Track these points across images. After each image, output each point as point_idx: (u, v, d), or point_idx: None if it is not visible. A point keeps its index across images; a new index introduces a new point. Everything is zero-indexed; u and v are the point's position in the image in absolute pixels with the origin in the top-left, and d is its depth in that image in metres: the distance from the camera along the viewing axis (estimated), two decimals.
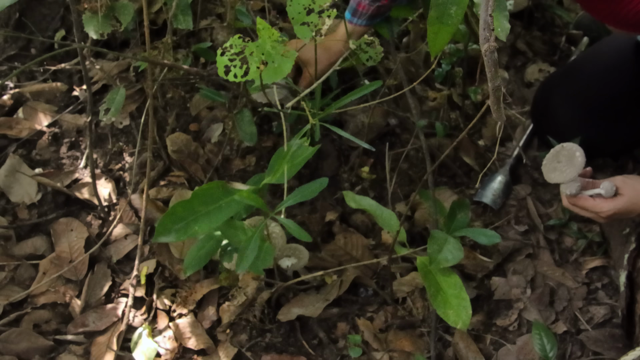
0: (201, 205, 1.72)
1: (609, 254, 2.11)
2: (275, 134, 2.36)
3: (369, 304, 2.06)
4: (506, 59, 2.71)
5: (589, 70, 2.26)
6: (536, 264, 2.12)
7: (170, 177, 2.31)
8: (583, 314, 2.00)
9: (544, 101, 2.33)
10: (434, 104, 2.48)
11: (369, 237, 2.19)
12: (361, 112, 2.36)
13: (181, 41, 2.56)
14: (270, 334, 1.99)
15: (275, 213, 1.70)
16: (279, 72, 1.63)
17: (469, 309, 1.74)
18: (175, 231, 1.70)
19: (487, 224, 2.21)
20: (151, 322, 2.02)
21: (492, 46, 1.04)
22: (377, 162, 2.34)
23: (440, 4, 1.69)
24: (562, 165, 1.74)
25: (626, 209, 1.71)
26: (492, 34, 1.02)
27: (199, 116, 2.43)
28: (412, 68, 2.54)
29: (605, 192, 1.73)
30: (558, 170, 1.75)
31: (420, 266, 1.81)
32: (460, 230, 1.84)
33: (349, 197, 1.93)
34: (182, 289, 2.08)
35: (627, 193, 1.71)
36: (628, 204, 1.71)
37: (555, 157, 1.76)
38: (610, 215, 1.73)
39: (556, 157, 1.76)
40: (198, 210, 1.71)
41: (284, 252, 1.99)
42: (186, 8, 2.17)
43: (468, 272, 2.10)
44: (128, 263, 2.16)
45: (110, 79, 2.48)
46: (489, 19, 1.02)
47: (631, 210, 1.72)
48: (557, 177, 1.75)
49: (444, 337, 1.98)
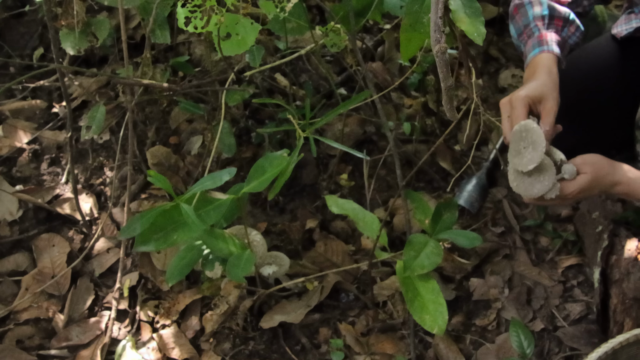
0: (180, 215, 1.74)
1: (583, 252, 2.15)
2: (254, 144, 2.39)
3: (350, 309, 2.09)
4: (480, 66, 2.75)
5: (571, 75, 2.30)
6: (513, 264, 2.15)
7: (151, 190, 2.33)
8: (560, 311, 2.04)
9: None
10: (410, 111, 2.52)
11: (349, 243, 2.22)
12: (338, 121, 2.40)
13: (159, 55, 2.59)
14: (254, 341, 2.01)
15: (184, 199, 1.69)
16: (242, 44, 1.67)
17: (445, 314, 1.77)
18: (155, 240, 1.73)
19: (465, 227, 2.25)
20: (135, 334, 2.04)
21: (442, 47, 1.07)
22: (355, 169, 2.38)
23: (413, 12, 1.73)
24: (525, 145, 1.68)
25: (589, 187, 1.73)
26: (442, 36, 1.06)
27: (178, 129, 2.46)
28: (388, 76, 2.58)
29: (568, 175, 1.72)
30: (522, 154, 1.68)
31: (399, 271, 1.84)
32: (444, 232, 1.87)
33: (331, 201, 1.96)
34: (165, 300, 2.10)
35: (588, 171, 1.73)
36: (591, 181, 1.72)
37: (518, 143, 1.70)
38: (575, 196, 1.75)
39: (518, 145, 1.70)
40: (177, 220, 1.74)
41: (265, 260, 2.01)
42: (163, 23, 2.20)
43: (447, 274, 2.14)
44: (111, 276, 2.17)
45: (90, 95, 2.51)
46: (439, 21, 1.06)
47: (594, 186, 1.74)
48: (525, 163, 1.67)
49: (425, 338, 2.01)
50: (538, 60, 1.87)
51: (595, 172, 1.73)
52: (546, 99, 1.78)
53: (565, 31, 1.95)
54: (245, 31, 1.73)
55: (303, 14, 2.07)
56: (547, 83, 1.81)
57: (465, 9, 1.54)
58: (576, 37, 1.99)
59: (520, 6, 1.98)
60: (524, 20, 1.96)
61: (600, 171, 1.74)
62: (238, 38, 1.73)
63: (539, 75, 1.83)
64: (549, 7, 1.94)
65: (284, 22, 2.06)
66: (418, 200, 1.98)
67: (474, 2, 1.55)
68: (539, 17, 1.93)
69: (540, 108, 1.79)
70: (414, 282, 1.82)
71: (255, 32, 1.73)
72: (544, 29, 1.90)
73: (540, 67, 1.85)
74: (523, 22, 1.96)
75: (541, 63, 1.86)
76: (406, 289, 1.82)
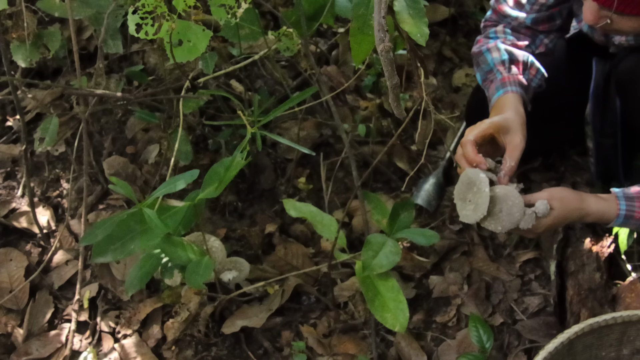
0: (137, 224, 1.74)
1: (540, 246, 2.18)
2: (211, 151, 2.39)
3: (311, 311, 2.10)
4: (433, 66, 2.79)
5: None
6: (472, 261, 2.18)
7: (109, 201, 2.32)
8: (518, 305, 2.07)
9: (478, 104, 2.40)
10: (366, 112, 2.54)
11: (308, 246, 2.24)
12: (294, 125, 2.41)
13: (114, 65, 2.59)
14: (216, 347, 2.01)
15: (146, 205, 1.69)
16: (194, 50, 1.67)
17: (406, 312, 1.79)
18: (112, 251, 1.72)
19: (424, 225, 2.27)
20: (96, 346, 2.03)
21: (387, 46, 1.09)
22: (312, 173, 2.39)
23: (360, 15, 1.74)
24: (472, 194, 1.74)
25: (559, 222, 1.77)
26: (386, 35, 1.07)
27: (135, 138, 2.45)
28: (343, 79, 2.60)
29: (541, 213, 1.75)
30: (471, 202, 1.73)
31: (358, 271, 1.85)
32: (402, 231, 1.89)
33: (289, 205, 1.96)
34: (126, 309, 2.09)
35: (556, 207, 1.76)
36: (559, 217, 1.76)
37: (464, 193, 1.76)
38: (543, 231, 1.79)
39: (464, 194, 1.76)
40: (134, 229, 1.74)
41: (225, 266, 2.01)
42: (115, 33, 2.19)
43: (406, 273, 2.16)
44: (70, 289, 2.16)
45: (44, 107, 2.49)
46: (382, 20, 1.08)
47: (561, 222, 1.78)
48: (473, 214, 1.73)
49: (387, 337, 2.02)
50: (503, 100, 1.90)
51: (564, 207, 1.77)
52: (514, 133, 1.81)
53: (527, 74, 1.99)
54: (196, 38, 1.74)
55: (256, 20, 2.08)
56: (514, 118, 1.83)
57: (409, 9, 1.55)
58: (538, 79, 2.04)
59: (479, 54, 2.03)
60: (485, 66, 2.00)
61: (568, 206, 1.78)
62: (190, 45, 1.74)
63: (505, 111, 1.86)
64: (507, 51, 1.98)
65: (237, 29, 2.07)
66: (375, 201, 1.99)
67: (417, 3, 1.56)
68: (499, 62, 1.97)
69: (507, 141, 1.82)
70: (373, 281, 1.84)
71: (206, 39, 1.74)
72: (506, 73, 1.94)
73: (507, 106, 1.87)
74: (484, 68, 2.00)
75: (507, 102, 1.89)
76: (366, 289, 1.83)
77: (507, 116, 1.83)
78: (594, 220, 1.83)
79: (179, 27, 1.71)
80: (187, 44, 1.73)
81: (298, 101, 1.89)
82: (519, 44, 2.04)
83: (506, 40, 2.04)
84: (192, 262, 1.81)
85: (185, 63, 2.04)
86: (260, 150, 1.88)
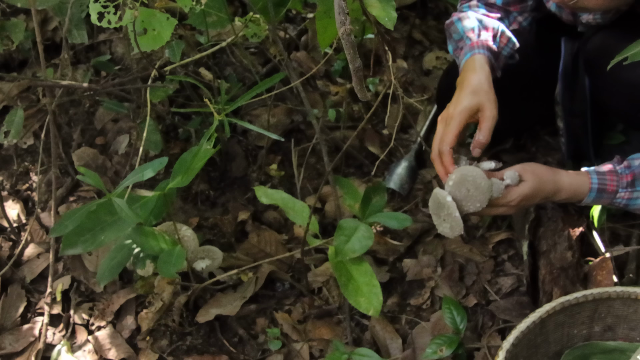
0: (107, 215, 1.73)
1: (512, 227, 2.19)
2: (181, 140, 2.38)
3: (286, 297, 2.10)
4: (404, 49, 2.79)
5: None
6: (445, 243, 2.18)
7: (79, 193, 2.30)
8: (492, 286, 2.08)
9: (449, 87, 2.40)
10: (337, 97, 2.54)
11: (282, 233, 2.23)
12: (265, 112, 2.40)
13: (81, 56, 2.56)
14: (191, 336, 2.01)
15: (116, 195, 1.68)
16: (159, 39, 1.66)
17: (380, 296, 1.80)
18: (82, 242, 1.71)
19: (397, 209, 2.27)
20: (70, 338, 2.01)
21: (347, 29, 1.08)
22: (284, 159, 2.39)
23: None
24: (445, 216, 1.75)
25: (531, 194, 1.78)
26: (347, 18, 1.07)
27: (104, 129, 2.43)
28: (313, 65, 2.59)
29: (511, 180, 1.76)
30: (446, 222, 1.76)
31: (331, 256, 1.85)
32: (374, 215, 1.89)
33: (260, 192, 1.96)
34: (99, 301, 2.08)
35: (529, 178, 1.77)
36: (532, 188, 1.77)
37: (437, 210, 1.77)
38: (518, 203, 1.79)
39: (438, 212, 1.77)
40: (104, 220, 1.72)
41: (198, 255, 2.01)
42: (80, 22, 2.17)
43: (380, 256, 2.16)
44: (42, 282, 2.14)
45: (11, 100, 2.46)
46: (342, 3, 1.07)
47: (535, 194, 1.79)
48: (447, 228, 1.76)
49: (361, 321, 2.03)
50: (470, 62, 1.90)
51: (537, 179, 1.78)
52: (484, 106, 1.82)
53: (497, 42, 1.99)
54: (161, 26, 1.72)
55: (223, 6, 2.06)
56: (482, 87, 1.84)
57: None
58: (509, 48, 2.04)
59: (450, 24, 2.04)
60: (456, 35, 2.01)
61: (542, 178, 1.79)
62: (154, 33, 1.72)
63: (472, 77, 1.86)
64: (477, 19, 1.99)
65: (204, 16, 2.05)
66: (347, 186, 1.99)
67: None
68: (469, 29, 1.97)
69: (479, 115, 1.83)
70: (346, 266, 1.84)
71: (171, 27, 1.72)
72: (476, 38, 1.94)
73: (474, 68, 1.88)
74: (455, 37, 2.01)
75: (474, 64, 1.89)
76: (339, 274, 1.84)
77: (473, 88, 1.83)
78: (568, 197, 1.83)
79: (143, 15, 1.69)
80: (151, 32, 1.71)
81: (265, 88, 1.88)
82: (491, 15, 2.04)
83: (478, 12, 2.04)
84: (164, 252, 1.80)
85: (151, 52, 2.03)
86: (228, 137, 1.87)
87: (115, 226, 1.72)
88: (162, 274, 1.83)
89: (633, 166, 1.85)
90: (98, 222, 1.71)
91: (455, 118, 1.81)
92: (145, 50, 1.71)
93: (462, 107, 1.81)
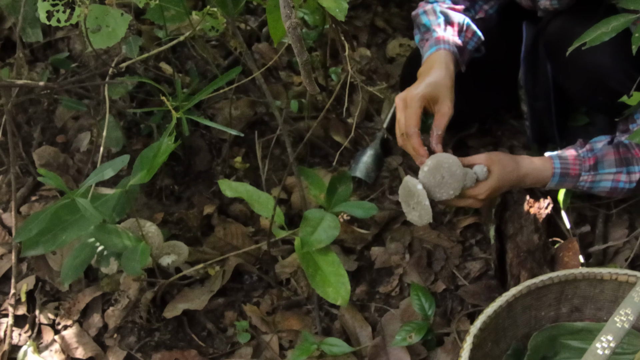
0: (68, 214, 1.71)
1: (479, 212, 2.20)
2: (143, 136, 2.35)
3: (254, 290, 2.08)
4: (367, 37, 2.78)
5: None
6: (412, 230, 2.18)
7: (41, 192, 2.27)
8: (460, 271, 2.08)
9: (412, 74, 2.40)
10: (300, 88, 2.52)
11: (248, 225, 2.22)
12: (227, 105, 2.38)
13: (39, 54, 2.52)
14: (159, 332, 1.99)
15: (79, 194, 1.66)
16: (113, 36, 1.63)
17: (347, 285, 1.80)
18: (44, 243, 1.70)
19: (363, 197, 2.27)
20: (36, 338, 1.98)
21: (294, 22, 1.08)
22: (249, 151, 2.37)
23: None
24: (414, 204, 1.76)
25: (498, 186, 1.79)
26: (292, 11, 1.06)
27: (65, 127, 2.40)
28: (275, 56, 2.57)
29: (480, 175, 1.78)
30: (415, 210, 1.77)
31: (297, 247, 1.84)
32: (340, 205, 1.88)
33: (224, 185, 1.95)
34: (65, 300, 2.05)
35: (495, 170, 1.78)
36: (499, 180, 1.78)
37: (407, 199, 1.78)
38: (487, 196, 1.80)
39: (407, 200, 1.78)
40: (65, 220, 1.71)
41: (163, 250, 1.99)
42: (34, 21, 2.14)
43: (348, 245, 2.15)
44: (7, 283, 2.10)
45: None
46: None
47: (502, 185, 1.81)
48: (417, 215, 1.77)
49: (330, 311, 2.02)
50: (434, 56, 1.91)
51: (502, 168, 1.80)
52: (442, 101, 1.83)
53: (463, 36, 1.99)
54: (115, 22, 1.69)
55: (180, 1, 2.04)
56: (444, 81, 1.84)
57: None
58: (475, 42, 2.05)
59: (416, 16, 2.04)
60: (422, 27, 2.01)
61: (505, 168, 1.80)
62: (109, 30, 1.69)
63: (434, 71, 1.86)
64: (442, 13, 2.00)
65: (162, 11, 2.03)
66: (311, 176, 1.99)
67: None
68: (435, 23, 1.97)
69: (435, 109, 1.83)
70: (313, 257, 1.84)
71: (125, 23, 1.69)
72: (442, 32, 1.95)
73: (437, 63, 1.88)
74: (421, 29, 2.02)
75: (438, 59, 1.89)
76: (306, 265, 1.83)
77: (435, 80, 1.83)
78: (533, 182, 1.86)
79: (95, 12, 1.66)
80: (105, 29, 1.68)
81: (225, 82, 1.87)
82: (456, 7, 2.05)
83: (444, 4, 2.05)
84: (127, 249, 1.79)
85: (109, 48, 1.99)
86: (187, 134, 1.86)
87: (77, 225, 1.71)
88: (126, 271, 1.81)
89: (595, 149, 1.86)
90: (59, 222, 1.70)
91: (415, 101, 1.80)
92: (100, 47, 1.68)
93: (423, 92, 1.82)
